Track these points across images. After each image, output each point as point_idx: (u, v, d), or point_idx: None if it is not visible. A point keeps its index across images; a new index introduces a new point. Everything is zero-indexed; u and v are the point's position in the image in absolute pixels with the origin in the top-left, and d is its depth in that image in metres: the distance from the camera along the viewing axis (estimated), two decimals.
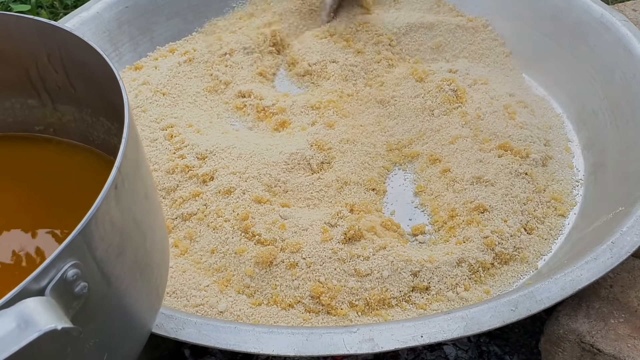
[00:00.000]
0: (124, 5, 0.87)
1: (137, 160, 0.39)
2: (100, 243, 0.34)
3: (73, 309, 0.33)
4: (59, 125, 0.51)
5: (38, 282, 0.31)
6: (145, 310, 0.43)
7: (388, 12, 0.93)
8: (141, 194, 0.39)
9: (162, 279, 0.45)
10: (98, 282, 0.34)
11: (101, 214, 0.33)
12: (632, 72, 0.72)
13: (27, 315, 0.29)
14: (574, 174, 0.71)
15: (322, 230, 0.61)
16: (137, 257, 0.39)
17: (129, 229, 0.37)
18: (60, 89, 0.48)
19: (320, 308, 0.58)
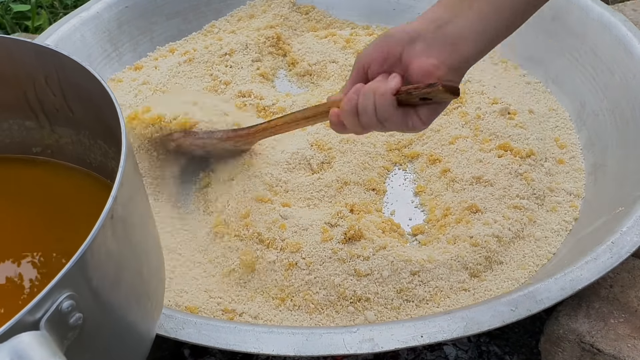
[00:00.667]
0: (124, 5, 0.87)
1: (135, 187, 0.39)
2: (95, 272, 0.33)
3: (68, 339, 0.32)
4: (57, 147, 0.51)
5: (33, 315, 0.30)
6: (141, 334, 0.42)
7: None
8: (137, 221, 0.39)
9: (158, 303, 0.44)
10: (93, 312, 0.34)
11: (97, 244, 0.33)
12: (632, 72, 0.72)
13: (22, 351, 0.28)
14: (573, 174, 0.71)
15: (322, 230, 0.61)
16: (134, 284, 0.39)
17: (125, 257, 0.37)
18: (58, 112, 0.48)
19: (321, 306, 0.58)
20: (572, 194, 0.68)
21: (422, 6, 0.93)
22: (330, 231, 0.61)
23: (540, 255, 0.63)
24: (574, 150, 0.74)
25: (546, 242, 0.64)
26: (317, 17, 0.95)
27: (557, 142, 0.74)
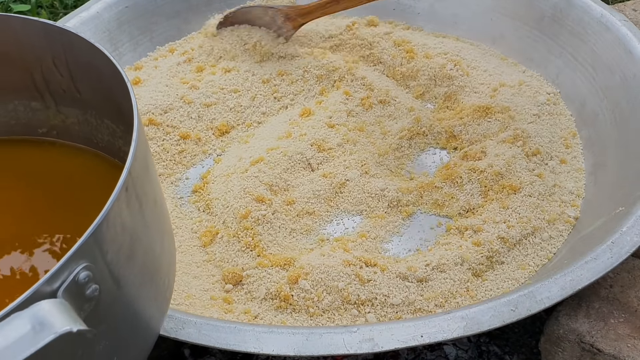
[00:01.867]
0: (124, 5, 0.87)
1: (146, 164, 0.39)
2: (111, 245, 0.34)
3: (84, 311, 0.33)
4: (63, 127, 0.51)
5: (50, 285, 0.30)
6: (154, 313, 0.42)
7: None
8: (150, 198, 0.39)
9: (169, 283, 0.44)
10: (109, 285, 0.34)
11: (112, 215, 0.33)
12: (632, 72, 0.72)
13: (42, 318, 0.28)
14: (574, 173, 0.71)
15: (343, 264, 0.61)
16: (147, 261, 0.39)
17: (139, 233, 0.37)
18: (64, 92, 0.48)
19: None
20: (573, 193, 0.69)
21: (422, 6, 0.94)
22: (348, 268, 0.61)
23: (541, 255, 0.63)
24: (574, 150, 0.74)
25: (547, 242, 0.64)
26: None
27: (565, 142, 0.74)
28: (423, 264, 0.60)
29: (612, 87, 0.74)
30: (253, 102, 0.80)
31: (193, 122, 0.77)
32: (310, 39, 0.89)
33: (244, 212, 0.64)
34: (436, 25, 0.93)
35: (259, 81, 0.82)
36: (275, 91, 0.81)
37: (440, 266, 0.60)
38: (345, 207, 0.68)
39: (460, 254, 0.61)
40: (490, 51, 0.88)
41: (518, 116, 0.75)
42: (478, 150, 0.71)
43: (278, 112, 0.80)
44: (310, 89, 0.82)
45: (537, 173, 0.69)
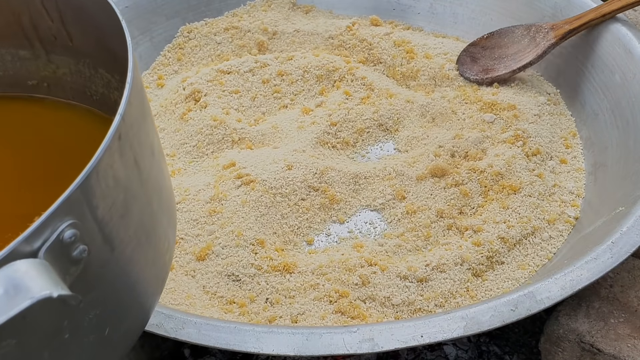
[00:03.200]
0: (124, 5, 0.87)
1: (143, 111, 0.35)
2: (102, 201, 0.29)
3: (71, 275, 0.29)
4: (54, 79, 0.46)
5: (30, 243, 0.26)
6: (152, 279, 0.38)
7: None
8: (147, 149, 0.35)
9: (169, 245, 0.40)
10: (99, 246, 0.30)
11: (103, 167, 0.29)
12: (632, 72, 0.72)
13: (17, 280, 0.25)
14: (574, 173, 0.71)
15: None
16: (144, 219, 0.34)
17: (135, 187, 0.33)
18: (55, 39, 0.43)
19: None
20: (573, 193, 0.69)
21: (422, 6, 0.94)
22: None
23: (541, 255, 0.63)
24: (574, 150, 0.74)
25: (547, 242, 0.64)
26: (317, 16, 0.95)
27: (565, 142, 0.74)
28: (423, 264, 0.60)
29: (612, 87, 0.74)
30: (254, 102, 0.80)
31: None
32: (310, 39, 0.89)
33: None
34: (436, 25, 0.93)
35: (259, 81, 0.82)
36: (276, 91, 0.81)
37: (440, 266, 0.60)
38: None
39: (460, 254, 0.61)
40: None
41: (522, 116, 0.75)
42: (478, 150, 0.71)
43: (278, 112, 0.80)
44: (310, 89, 0.82)
45: (537, 173, 0.69)
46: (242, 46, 0.89)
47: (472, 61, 0.79)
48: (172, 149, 0.76)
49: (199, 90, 0.80)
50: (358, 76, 0.82)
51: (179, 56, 0.89)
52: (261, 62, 0.84)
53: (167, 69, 0.88)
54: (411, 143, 0.75)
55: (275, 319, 0.57)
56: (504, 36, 0.79)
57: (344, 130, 0.76)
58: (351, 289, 0.59)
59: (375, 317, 0.57)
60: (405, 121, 0.78)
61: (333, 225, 0.68)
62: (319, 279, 0.60)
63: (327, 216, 0.68)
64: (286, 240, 0.65)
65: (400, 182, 0.70)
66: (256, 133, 0.75)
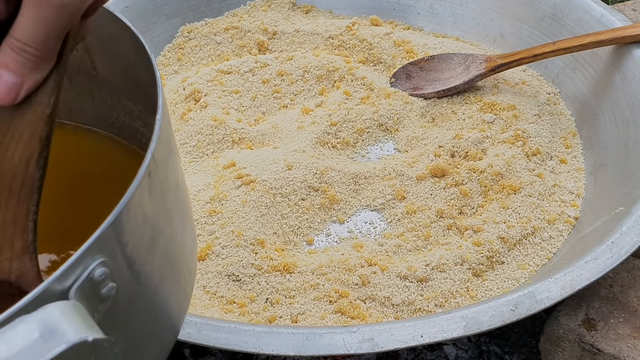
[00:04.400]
0: (124, 5, 0.87)
1: (169, 146, 0.35)
2: (131, 237, 0.30)
3: (99, 312, 0.29)
4: (75, 105, 0.46)
5: (62, 283, 0.26)
6: (174, 311, 0.38)
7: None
8: (173, 182, 0.35)
9: (190, 276, 0.40)
10: (127, 282, 0.30)
11: (133, 204, 0.29)
12: (632, 72, 0.72)
13: (53, 323, 0.24)
14: (574, 173, 0.71)
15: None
16: (168, 253, 0.35)
17: (161, 221, 0.33)
18: (79, 67, 0.43)
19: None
20: (573, 193, 0.69)
21: (422, 6, 0.94)
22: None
23: (541, 255, 0.63)
24: (574, 150, 0.74)
25: (547, 242, 0.64)
26: (317, 16, 0.95)
27: (565, 142, 0.74)
28: (423, 264, 0.60)
29: (612, 87, 0.74)
30: (254, 102, 0.80)
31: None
32: (310, 39, 0.89)
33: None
34: (436, 25, 0.93)
35: (259, 81, 0.82)
36: (276, 91, 0.81)
37: (440, 266, 0.60)
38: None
39: (460, 253, 0.61)
40: (490, 51, 0.88)
41: (522, 116, 0.75)
42: (478, 150, 0.71)
43: (278, 112, 0.80)
44: (310, 89, 0.82)
45: (537, 173, 0.69)
46: (242, 46, 0.89)
47: (406, 78, 0.82)
48: None
49: (199, 90, 0.80)
50: (358, 76, 0.82)
51: (179, 56, 0.89)
52: (261, 62, 0.84)
53: (167, 69, 0.88)
54: (411, 143, 0.75)
55: (275, 319, 0.57)
56: (442, 61, 0.82)
57: (344, 130, 0.76)
58: (351, 289, 0.59)
59: (375, 317, 0.57)
60: (405, 121, 0.78)
61: (333, 225, 0.68)
62: (319, 279, 0.60)
63: (327, 216, 0.68)
64: (286, 240, 0.65)
65: (400, 182, 0.70)
66: (256, 133, 0.75)
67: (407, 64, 0.83)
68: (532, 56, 0.76)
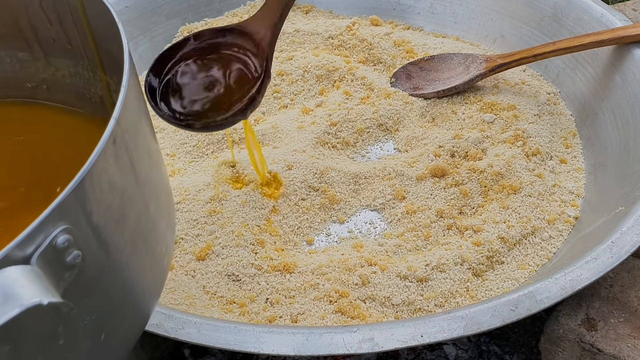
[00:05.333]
0: (124, 5, 0.87)
1: (139, 113, 0.35)
2: (96, 205, 0.29)
3: (65, 281, 0.28)
4: (53, 81, 0.46)
5: (22, 249, 0.26)
6: (149, 284, 0.38)
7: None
8: (144, 152, 0.35)
9: (167, 248, 0.40)
10: (94, 251, 0.30)
11: (97, 171, 0.29)
12: (632, 72, 0.72)
13: (7, 287, 0.24)
14: (574, 173, 0.71)
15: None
16: (140, 223, 0.34)
17: (131, 191, 0.32)
18: (54, 41, 0.43)
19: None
20: (573, 193, 0.69)
21: (422, 6, 0.94)
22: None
23: (541, 255, 0.63)
24: (574, 150, 0.74)
25: (547, 242, 0.64)
26: (317, 17, 0.95)
27: (565, 142, 0.74)
28: (423, 264, 0.60)
29: (612, 87, 0.74)
30: None
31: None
32: (310, 39, 0.89)
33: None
34: (436, 25, 0.93)
35: None
36: (276, 91, 0.81)
37: (440, 266, 0.60)
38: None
39: (460, 253, 0.61)
40: (490, 51, 0.88)
41: (522, 116, 0.75)
42: (478, 150, 0.71)
43: (278, 112, 0.80)
44: (310, 89, 0.82)
45: (537, 173, 0.69)
46: None
47: (406, 78, 0.82)
48: (172, 149, 0.76)
49: None
50: (358, 76, 0.82)
51: None
52: None
53: None
54: (411, 143, 0.75)
55: (275, 319, 0.57)
56: (442, 61, 0.82)
57: (344, 130, 0.76)
58: (351, 289, 0.59)
59: (375, 317, 0.57)
60: (405, 121, 0.78)
61: (333, 225, 0.68)
62: (319, 279, 0.60)
63: (327, 216, 0.68)
64: (286, 240, 0.65)
65: (400, 182, 0.70)
66: (256, 133, 0.75)
67: (407, 64, 0.83)
68: (532, 56, 0.76)
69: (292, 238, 0.66)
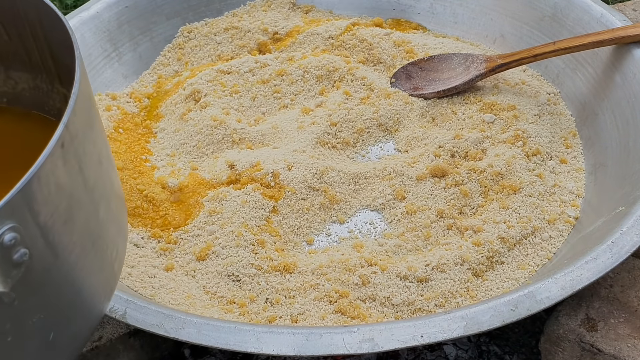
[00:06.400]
0: (124, 5, 0.87)
1: (90, 120, 0.36)
2: (43, 206, 0.30)
3: (12, 278, 0.29)
4: (13, 94, 0.47)
5: None
6: (99, 287, 0.39)
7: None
8: (94, 157, 0.36)
9: (118, 253, 0.41)
10: (42, 250, 0.31)
11: (45, 173, 0.30)
12: (632, 72, 0.72)
13: None
14: (574, 173, 0.71)
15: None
16: (89, 226, 0.35)
17: (79, 194, 0.34)
18: (13, 55, 0.44)
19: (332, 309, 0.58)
20: (573, 193, 0.69)
21: (422, 6, 0.94)
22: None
23: (541, 255, 0.63)
24: (575, 150, 0.74)
25: (547, 242, 0.64)
26: (317, 17, 0.95)
27: (565, 142, 0.74)
28: (423, 264, 0.60)
29: (612, 87, 0.74)
30: (254, 103, 0.80)
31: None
32: (310, 39, 0.89)
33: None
34: (436, 25, 0.93)
35: (259, 81, 0.82)
36: (276, 91, 0.81)
37: (440, 266, 0.60)
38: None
39: (460, 254, 0.61)
40: (490, 51, 0.88)
41: (522, 116, 0.75)
42: (478, 150, 0.71)
43: (278, 112, 0.80)
44: (310, 89, 0.82)
45: (537, 173, 0.69)
46: (242, 46, 0.89)
47: (406, 78, 0.82)
48: (172, 149, 0.76)
49: (199, 90, 0.80)
50: (358, 76, 0.82)
51: (179, 56, 0.89)
52: (261, 62, 0.84)
53: (167, 69, 0.88)
54: (411, 143, 0.75)
55: (275, 319, 0.57)
56: (443, 62, 0.82)
57: (344, 130, 0.76)
58: (351, 289, 0.59)
59: (375, 317, 0.57)
60: (405, 121, 0.78)
61: (333, 225, 0.68)
62: (319, 279, 0.60)
63: (327, 216, 0.68)
64: (286, 241, 0.65)
65: (400, 182, 0.70)
66: (256, 133, 0.75)
67: (407, 64, 0.83)
68: (532, 56, 0.76)
69: (292, 238, 0.66)
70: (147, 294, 0.58)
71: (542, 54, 0.76)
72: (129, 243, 0.63)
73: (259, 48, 0.89)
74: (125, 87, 0.85)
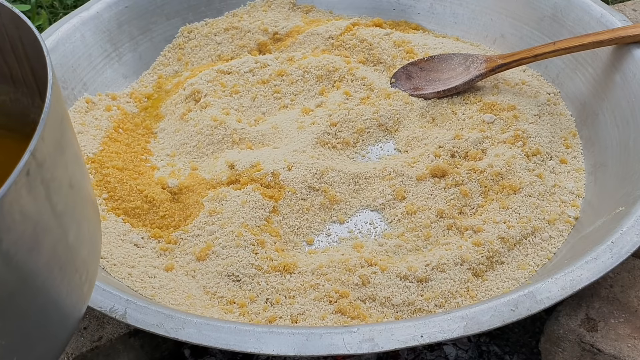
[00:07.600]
0: (124, 5, 0.87)
1: (61, 145, 0.35)
2: (6, 234, 0.30)
3: None
4: None
5: None
6: (66, 311, 0.38)
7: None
8: (64, 182, 0.35)
9: (89, 276, 0.40)
10: (4, 277, 0.31)
11: (8, 201, 0.30)
12: (632, 72, 0.72)
13: None
14: (574, 173, 0.71)
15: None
16: (57, 252, 0.35)
17: (46, 221, 0.33)
18: None
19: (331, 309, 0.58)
20: (573, 193, 0.69)
21: (422, 6, 0.94)
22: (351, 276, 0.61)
23: (541, 255, 0.63)
24: (575, 150, 0.74)
25: (547, 242, 0.64)
26: (317, 17, 0.96)
27: (565, 142, 0.74)
28: (423, 264, 0.60)
29: (612, 87, 0.74)
30: (254, 103, 0.80)
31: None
32: (310, 39, 0.89)
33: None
34: (436, 25, 0.93)
35: (259, 81, 0.82)
36: (276, 91, 0.81)
37: (440, 266, 0.60)
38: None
39: (460, 254, 0.61)
40: (490, 51, 0.88)
41: (522, 116, 0.75)
42: (478, 150, 0.71)
43: (278, 112, 0.80)
44: (310, 89, 0.82)
45: (537, 173, 0.69)
46: (242, 46, 0.89)
47: (406, 78, 0.82)
48: (172, 149, 0.76)
49: (199, 90, 0.80)
50: (358, 76, 0.82)
51: (179, 56, 0.89)
52: (261, 62, 0.84)
53: (167, 69, 0.88)
54: (411, 143, 0.75)
55: (275, 319, 0.57)
56: (443, 62, 0.82)
57: (344, 130, 0.76)
58: (351, 289, 0.59)
59: (375, 317, 0.57)
60: (405, 121, 0.78)
61: (333, 225, 0.68)
62: (319, 279, 0.60)
63: (327, 216, 0.68)
64: (286, 241, 0.65)
65: (400, 182, 0.70)
66: (256, 133, 0.75)
67: (407, 64, 0.83)
68: (532, 56, 0.76)
69: (292, 238, 0.66)
70: (147, 294, 0.58)
71: (542, 54, 0.76)
72: (129, 243, 0.63)
73: (259, 48, 0.89)
74: (125, 87, 0.85)
